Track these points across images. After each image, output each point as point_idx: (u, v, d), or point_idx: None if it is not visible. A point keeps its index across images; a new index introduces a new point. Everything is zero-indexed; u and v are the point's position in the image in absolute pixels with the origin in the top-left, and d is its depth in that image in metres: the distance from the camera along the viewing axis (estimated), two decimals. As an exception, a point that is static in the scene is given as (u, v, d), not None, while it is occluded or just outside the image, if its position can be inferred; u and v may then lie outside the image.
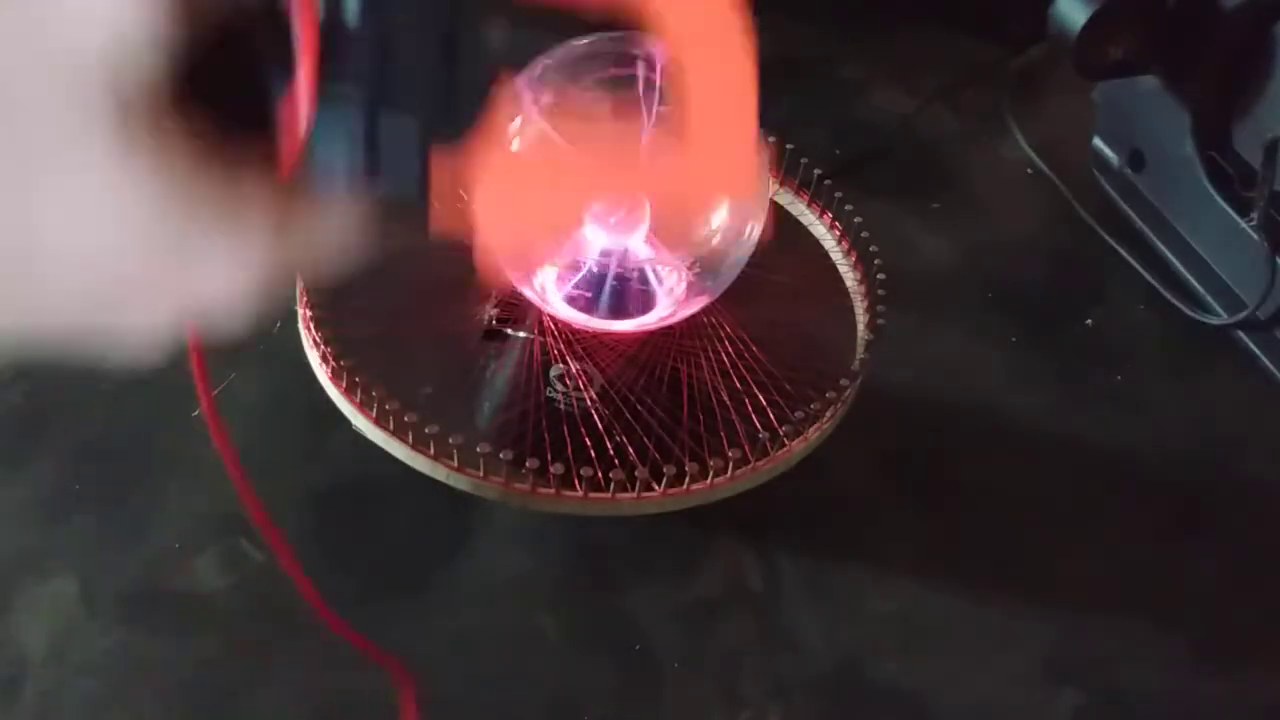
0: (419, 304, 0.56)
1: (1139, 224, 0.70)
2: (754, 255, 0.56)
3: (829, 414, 0.54)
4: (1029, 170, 0.74)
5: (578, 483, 0.49)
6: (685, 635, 0.51)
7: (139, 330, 0.24)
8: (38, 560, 0.50)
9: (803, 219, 0.64)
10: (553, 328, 0.56)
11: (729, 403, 0.54)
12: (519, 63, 0.31)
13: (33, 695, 0.46)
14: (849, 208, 0.62)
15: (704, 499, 0.51)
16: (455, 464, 0.51)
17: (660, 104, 0.53)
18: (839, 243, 0.62)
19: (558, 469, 0.49)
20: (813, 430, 0.54)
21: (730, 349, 0.56)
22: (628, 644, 0.50)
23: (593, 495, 0.49)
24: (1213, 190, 0.64)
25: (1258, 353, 0.64)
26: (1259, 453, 0.61)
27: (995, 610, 0.53)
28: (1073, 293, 0.68)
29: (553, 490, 0.49)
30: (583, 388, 0.54)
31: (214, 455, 0.36)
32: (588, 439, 0.51)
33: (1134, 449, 0.60)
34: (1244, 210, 0.63)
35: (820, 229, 0.63)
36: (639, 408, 0.53)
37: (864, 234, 0.61)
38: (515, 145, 0.29)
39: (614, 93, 0.53)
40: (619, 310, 0.56)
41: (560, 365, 0.54)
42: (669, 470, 0.50)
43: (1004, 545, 0.55)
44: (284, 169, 0.25)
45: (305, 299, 0.54)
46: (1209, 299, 0.66)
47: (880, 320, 0.57)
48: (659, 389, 0.54)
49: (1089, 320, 0.66)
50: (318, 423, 0.54)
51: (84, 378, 0.57)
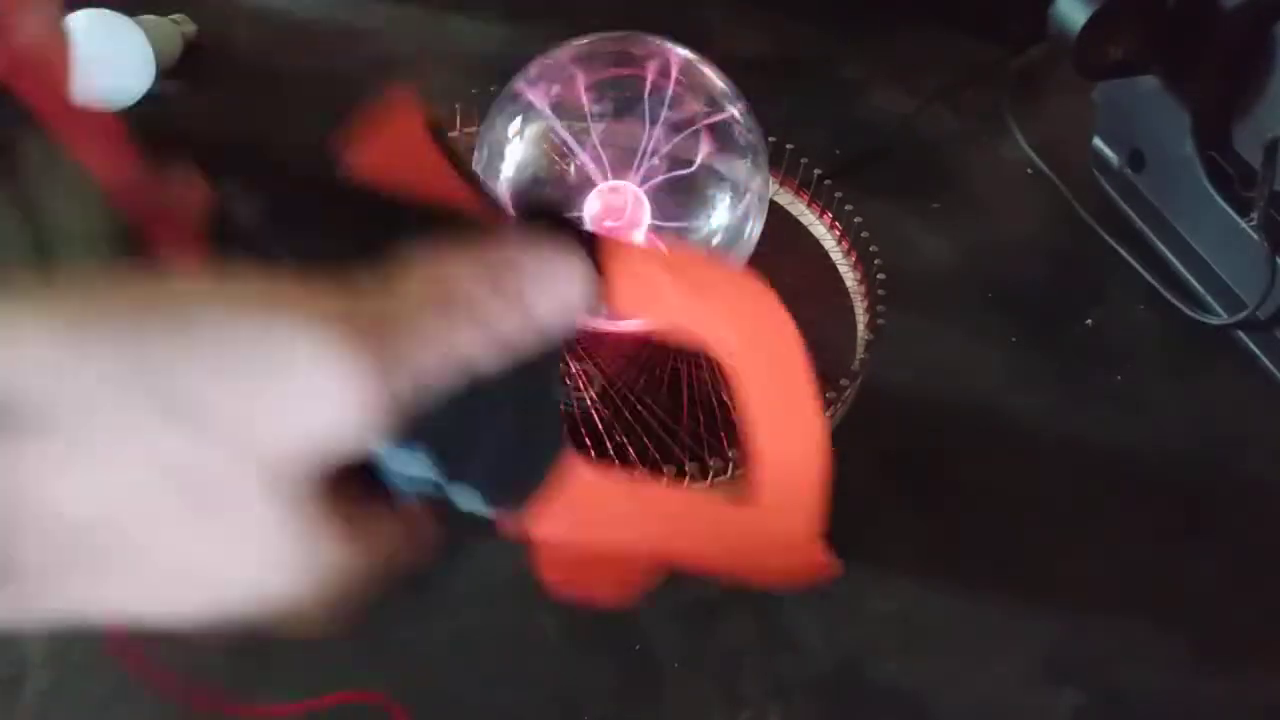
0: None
1: (1139, 224, 0.70)
2: (754, 255, 0.56)
3: (829, 414, 0.54)
4: (1029, 170, 0.74)
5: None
6: (685, 635, 0.51)
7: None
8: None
9: (803, 219, 0.64)
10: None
11: (729, 403, 0.54)
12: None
13: (33, 695, 0.47)
14: (849, 208, 0.62)
15: (704, 499, 0.51)
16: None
17: (663, 108, 0.53)
18: (839, 243, 0.62)
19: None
20: (813, 430, 0.54)
21: (730, 349, 0.56)
22: (628, 644, 0.50)
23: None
24: (1213, 190, 0.64)
25: (1258, 353, 0.64)
26: (1259, 453, 0.61)
27: (995, 610, 0.53)
28: (1073, 293, 0.68)
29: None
30: (583, 388, 0.54)
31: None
32: (588, 439, 0.51)
33: (1134, 449, 0.60)
34: (1244, 210, 0.63)
35: (820, 229, 0.63)
36: (639, 408, 0.53)
37: (864, 234, 0.61)
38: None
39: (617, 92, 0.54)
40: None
41: (560, 365, 0.54)
42: (669, 470, 0.50)
43: (1004, 545, 0.55)
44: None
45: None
46: (1209, 299, 0.66)
47: (880, 320, 0.57)
48: (659, 389, 0.54)
49: (1089, 320, 0.66)
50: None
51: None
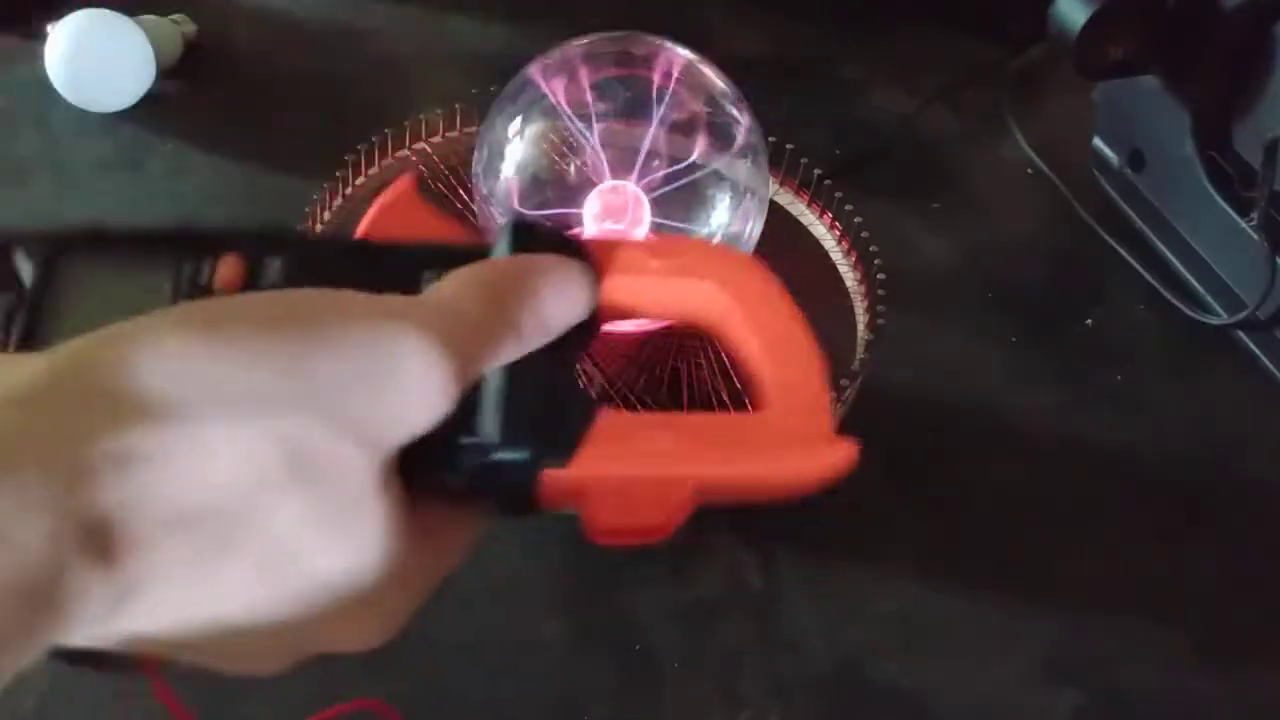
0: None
1: (1139, 224, 0.70)
2: (754, 255, 0.56)
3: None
4: (1029, 170, 0.74)
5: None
6: (685, 635, 0.51)
7: None
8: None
9: (803, 219, 0.64)
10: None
11: (729, 403, 0.54)
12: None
13: (33, 695, 0.47)
14: (849, 208, 0.62)
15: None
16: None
17: (663, 107, 0.53)
18: (839, 243, 0.62)
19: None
20: (813, 430, 0.54)
21: (730, 349, 0.56)
22: (628, 644, 0.50)
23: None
24: (1213, 190, 0.64)
25: (1258, 353, 0.64)
26: (1259, 453, 0.61)
27: (995, 610, 0.53)
28: (1073, 293, 0.68)
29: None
30: (584, 387, 0.54)
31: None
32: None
33: (1134, 449, 0.60)
34: (1244, 210, 0.63)
35: (820, 229, 0.63)
36: (639, 408, 0.53)
37: (864, 234, 0.61)
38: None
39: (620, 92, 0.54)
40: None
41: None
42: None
43: (1004, 545, 0.55)
44: None
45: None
46: (1209, 299, 0.66)
47: (880, 320, 0.57)
48: (659, 389, 0.54)
49: (1089, 320, 0.66)
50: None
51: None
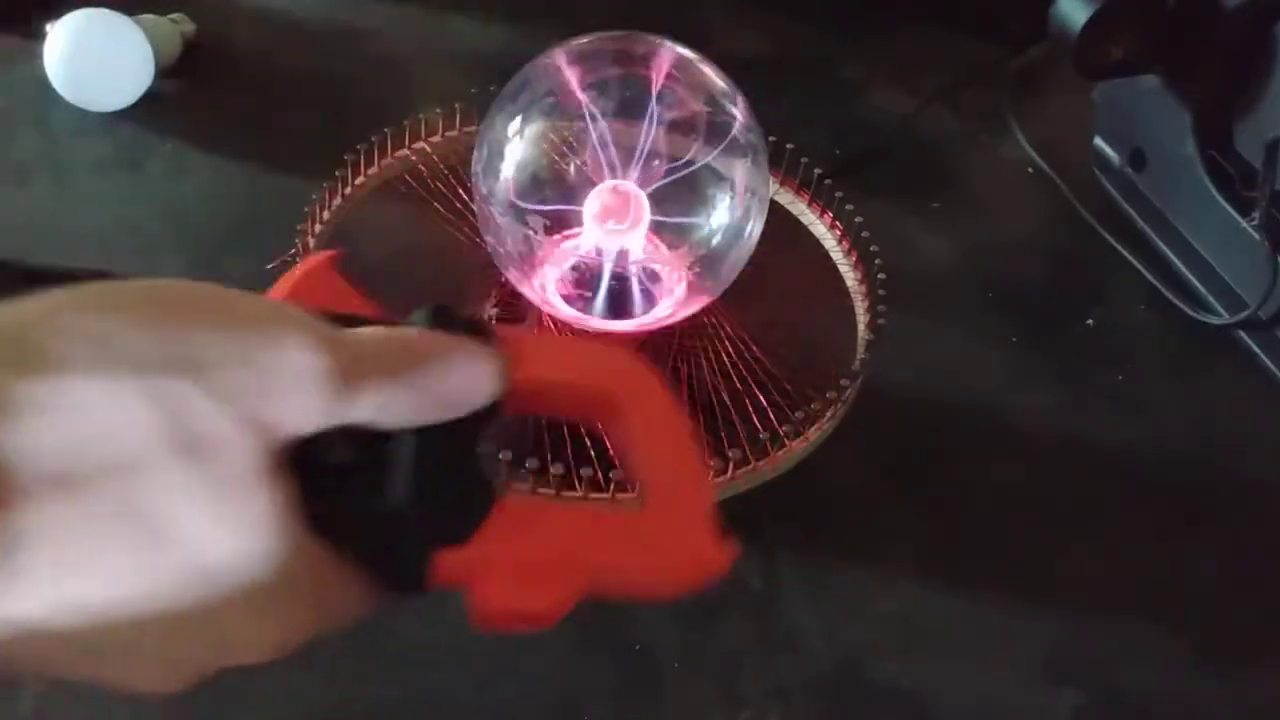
0: (418, 303, 0.56)
1: (1140, 224, 0.70)
2: (754, 255, 0.56)
3: (829, 414, 0.54)
4: (1030, 170, 0.74)
5: (578, 483, 0.49)
6: (685, 635, 0.51)
7: None
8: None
9: (803, 219, 0.64)
10: (553, 328, 0.56)
11: (729, 403, 0.54)
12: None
13: (33, 695, 0.47)
14: (849, 207, 0.62)
15: (704, 499, 0.51)
16: (455, 464, 0.51)
17: (663, 107, 0.53)
18: (839, 242, 0.62)
19: (558, 469, 0.48)
20: (813, 430, 0.54)
21: (730, 349, 0.56)
22: (628, 644, 0.50)
23: (593, 495, 0.49)
24: (1214, 190, 0.64)
25: (1259, 352, 0.64)
26: (1259, 453, 0.60)
27: (995, 610, 0.53)
28: (1073, 292, 0.68)
29: (553, 490, 0.49)
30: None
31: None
32: (588, 439, 0.51)
33: (1134, 449, 0.60)
34: (1245, 210, 0.63)
35: (820, 229, 0.63)
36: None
37: (864, 234, 0.61)
38: None
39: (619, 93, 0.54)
40: (619, 310, 0.56)
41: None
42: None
43: (1004, 545, 0.55)
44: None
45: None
46: (1210, 299, 0.66)
47: (881, 320, 0.57)
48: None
49: (1090, 320, 0.66)
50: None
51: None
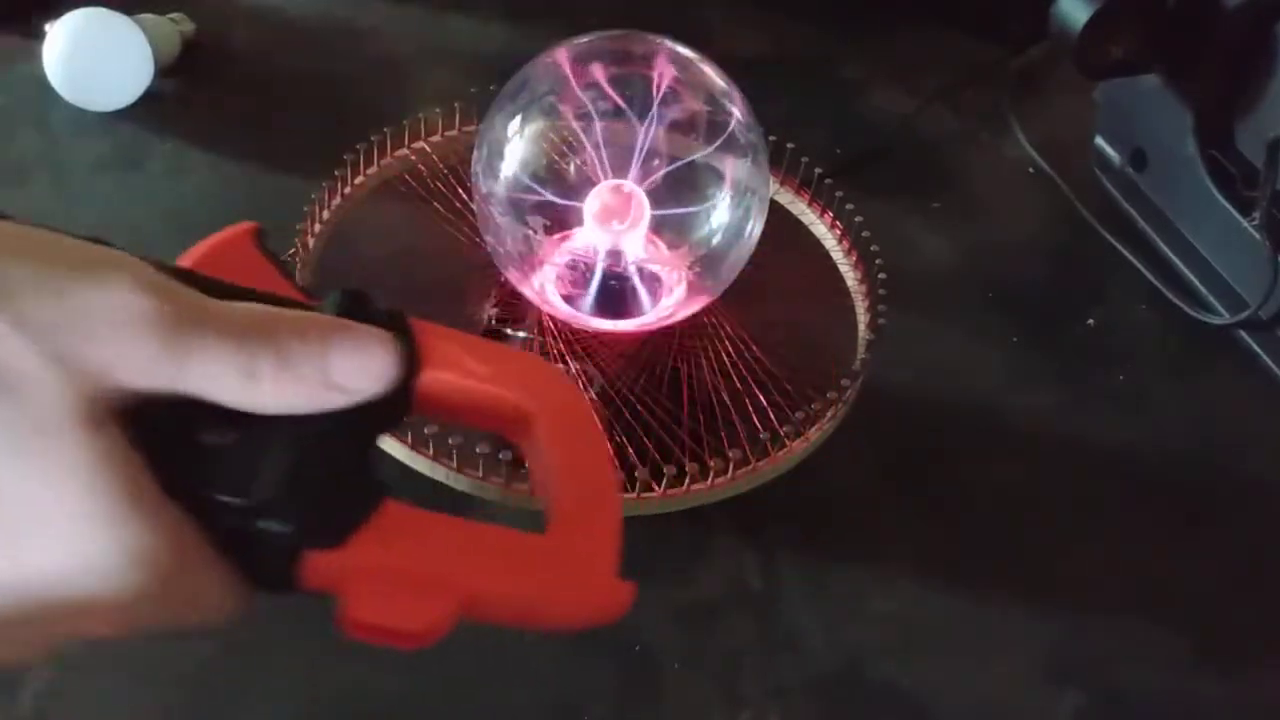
0: (418, 304, 0.56)
1: (1141, 223, 0.70)
2: (754, 255, 0.56)
3: (829, 414, 0.54)
4: (1030, 170, 0.74)
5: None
6: (685, 635, 0.51)
7: None
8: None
9: (803, 218, 0.64)
10: (552, 328, 0.56)
11: (729, 403, 0.54)
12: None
13: (32, 695, 0.47)
14: (850, 207, 0.62)
15: (704, 499, 0.51)
16: (455, 464, 0.51)
17: (663, 106, 0.53)
18: (839, 242, 0.62)
19: None
20: (813, 430, 0.54)
21: (730, 349, 0.56)
22: (628, 644, 0.50)
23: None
24: (1215, 189, 0.64)
25: (1259, 352, 0.64)
26: (1260, 453, 0.60)
27: (995, 610, 0.53)
28: (1074, 292, 0.68)
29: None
30: (583, 388, 0.54)
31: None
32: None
33: (1134, 449, 0.60)
34: (1246, 209, 0.63)
35: (821, 228, 0.63)
36: (639, 408, 0.53)
37: (865, 233, 0.61)
38: None
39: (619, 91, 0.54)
40: (619, 310, 0.56)
41: (560, 365, 0.54)
42: (669, 470, 0.50)
43: (1004, 545, 0.55)
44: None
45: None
46: (1211, 298, 0.66)
47: (881, 320, 0.57)
48: (659, 389, 0.54)
49: (1090, 320, 0.66)
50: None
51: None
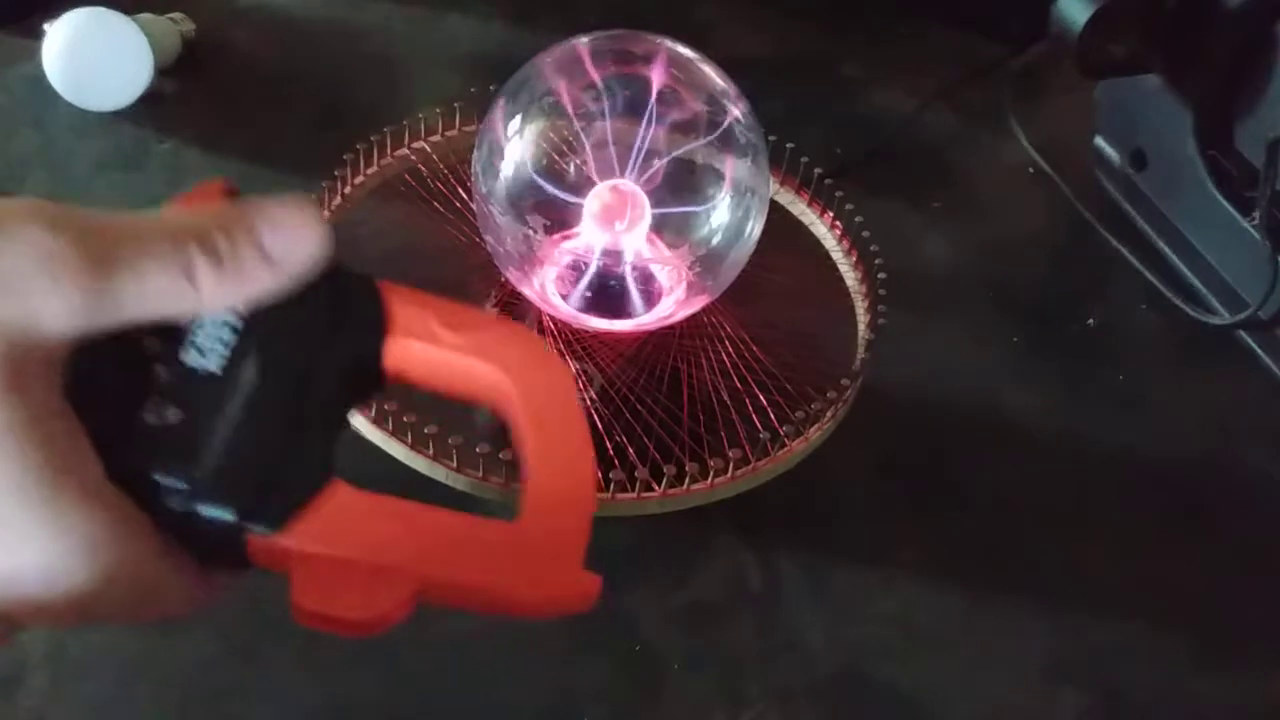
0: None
1: (1141, 223, 0.70)
2: (754, 255, 0.56)
3: (829, 414, 0.54)
4: (1030, 170, 0.74)
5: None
6: (685, 635, 0.51)
7: None
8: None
9: (803, 218, 0.64)
10: (552, 327, 0.56)
11: (729, 403, 0.54)
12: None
13: (32, 695, 0.46)
14: (850, 207, 0.62)
15: (704, 499, 0.51)
16: (454, 464, 0.51)
17: (663, 106, 0.53)
18: (839, 242, 0.62)
19: None
20: (813, 430, 0.54)
21: (730, 349, 0.56)
22: (628, 644, 0.50)
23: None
24: (1215, 189, 0.64)
25: (1260, 352, 0.64)
26: (1260, 453, 0.60)
27: (995, 610, 0.53)
28: (1074, 292, 0.68)
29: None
30: (583, 388, 0.54)
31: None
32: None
33: (1135, 449, 0.60)
34: (1246, 209, 0.63)
35: (821, 228, 0.63)
36: (639, 408, 0.53)
37: (865, 233, 0.61)
38: None
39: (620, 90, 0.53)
40: (619, 310, 0.56)
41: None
42: (669, 470, 0.50)
43: (1004, 545, 0.55)
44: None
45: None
46: (1211, 299, 0.66)
47: (881, 320, 0.57)
48: (659, 389, 0.54)
49: (1090, 320, 0.66)
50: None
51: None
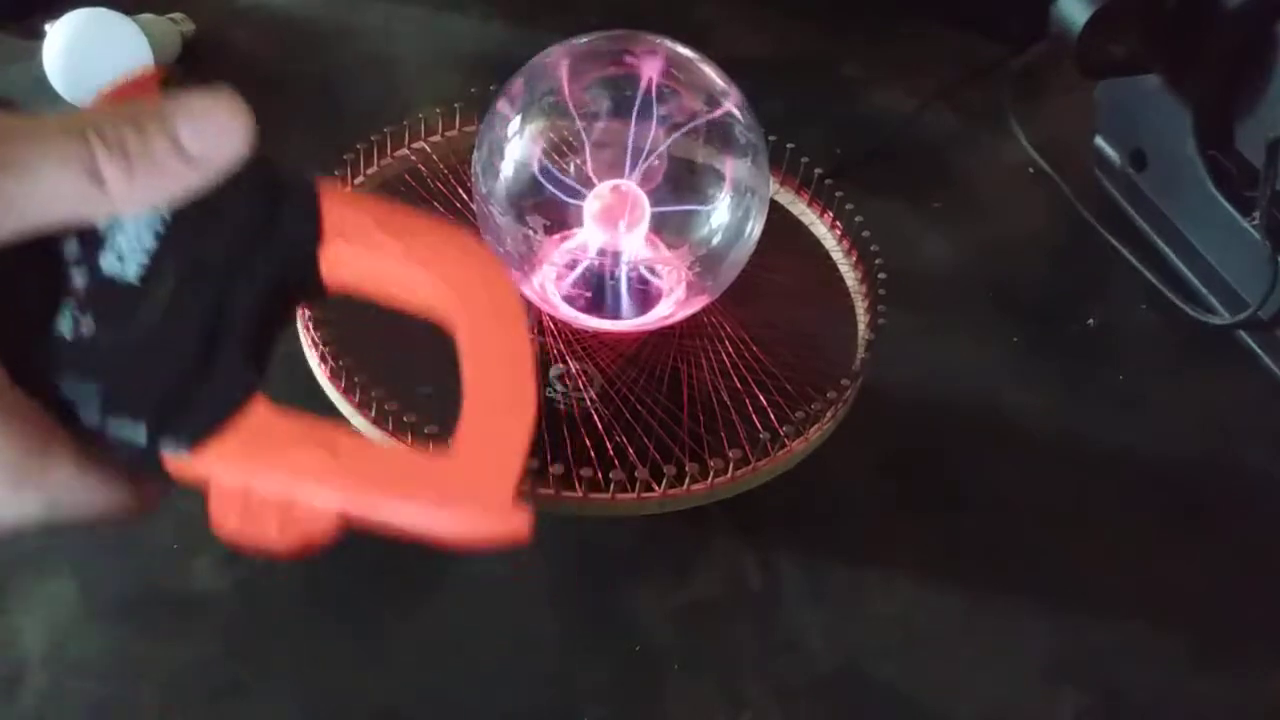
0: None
1: (1141, 223, 0.70)
2: (754, 255, 0.56)
3: (829, 414, 0.54)
4: (1030, 170, 0.74)
5: (577, 483, 0.49)
6: (685, 635, 0.51)
7: None
8: (37, 560, 0.50)
9: (803, 218, 0.64)
10: (552, 327, 0.56)
11: (729, 403, 0.54)
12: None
13: (32, 695, 0.46)
14: (850, 207, 0.62)
15: (704, 499, 0.51)
16: (455, 464, 0.50)
17: (662, 106, 0.53)
18: (839, 242, 0.62)
19: (557, 469, 0.48)
20: (813, 430, 0.54)
21: (730, 349, 0.56)
22: (628, 644, 0.50)
23: (592, 495, 0.49)
24: (1215, 189, 0.64)
25: (1260, 353, 0.64)
26: (1260, 453, 0.60)
27: (995, 610, 0.53)
28: (1074, 292, 0.68)
29: (552, 491, 0.49)
30: (582, 388, 0.54)
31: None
32: (587, 439, 0.51)
33: (1134, 449, 0.60)
34: (1246, 209, 0.63)
35: (821, 228, 0.63)
36: (639, 408, 0.53)
37: (865, 233, 0.61)
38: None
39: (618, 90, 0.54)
40: (619, 310, 0.56)
41: (560, 365, 0.54)
42: (669, 470, 0.50)
43: (1004, 545, 0.55)
44: None
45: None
46: (1211, 299, 0.66)
47: (881, 320, 0.57)
48: (659, 389, 0.54)
49: (1090, 320, 0.66)
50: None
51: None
